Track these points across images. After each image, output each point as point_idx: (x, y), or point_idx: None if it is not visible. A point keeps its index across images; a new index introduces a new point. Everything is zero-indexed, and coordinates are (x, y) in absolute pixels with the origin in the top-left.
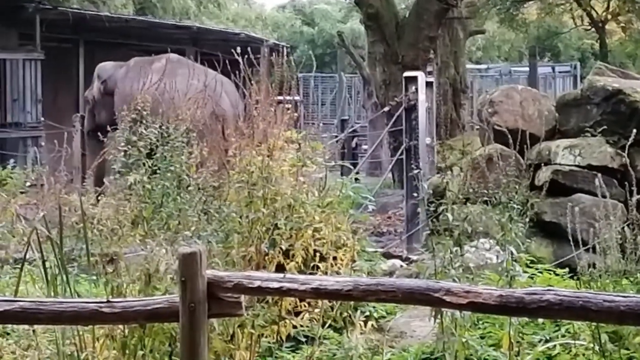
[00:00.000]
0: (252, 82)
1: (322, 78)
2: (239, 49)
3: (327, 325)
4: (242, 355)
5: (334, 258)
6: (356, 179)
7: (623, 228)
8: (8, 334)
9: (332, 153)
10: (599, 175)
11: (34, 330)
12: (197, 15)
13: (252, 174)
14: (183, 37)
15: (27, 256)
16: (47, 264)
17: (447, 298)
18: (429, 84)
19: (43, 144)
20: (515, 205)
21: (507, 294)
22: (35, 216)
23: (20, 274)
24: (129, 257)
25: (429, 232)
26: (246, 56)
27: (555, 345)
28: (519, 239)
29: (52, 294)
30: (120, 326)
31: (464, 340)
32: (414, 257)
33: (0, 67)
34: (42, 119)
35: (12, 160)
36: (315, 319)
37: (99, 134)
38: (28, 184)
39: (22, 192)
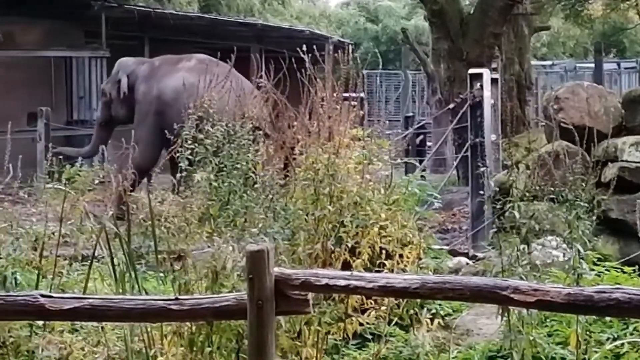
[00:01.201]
0: (317, 79)
1: (386, 75)
2: (304, 47)
3: (393, 322)
4: (309, 352)
5: (400, 256)
6: (421, 176)
7: None
8: (77, 330)
9: (398, 150)
10: None
11: (102, 327)
12: (262, 13)
13: (318, 172)
14: (247, 34)
15: (96, 253)
16: (116, 261)
17: (515, 296)
18: (493, 81)
19: (109, 141)
20: (581, 203)
21: (576, 292)
22: (104, 213)
23: (89, 272)
24: (196, 254)
25: (495, 229)
26: (311, 54)
27: (623, 344)
28: (586, 237)
29: (121, 291)
30: (188, 323)
31: (531, 338)
32: (480, 255)
33: (67, 65)
34: None
35: (80, 158)
36: (382, 317)
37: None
38: (96, 181)
39: (90, 190)
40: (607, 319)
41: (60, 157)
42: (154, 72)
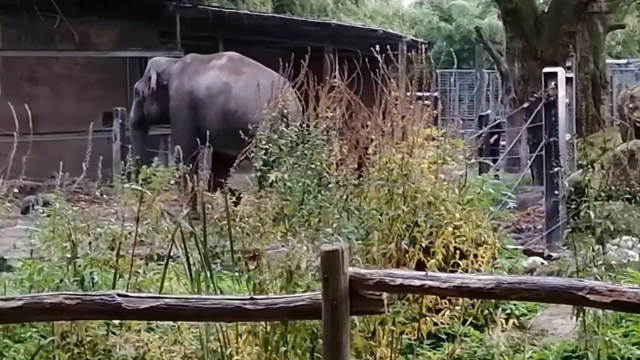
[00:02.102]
0: (391, 78)
1: (460, 74)
2: (377, 46)
3: (467, 322)
4: (383, 352)
5: (475, 256)
6: (495, 176)
7: None
8: (153, 329)
9: (472, 150)
10: None
11: (178, 326)
12: (335, 12)
13: (392, 172)
14: (321, 34)
15: (172, 253)
16: (191, 261)
17: (591, 297)
18: (568, 80)
19: None
20: None
21: None
22: (179, 213)
23: (165, 271)
24: (270, 254)
25: (569, 229)
26: (384, 53)
27: None
28: None
29: (196, 290)
30: (263, 323)
31: (606, 338)
32: (555, 255)
33: (142, 66)
34: None
35: (156, 158)
36: (456, 317)
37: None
38: (172, 181)
39: (165, 190)
40: None
41: (137, 157)
42: (186, 68)
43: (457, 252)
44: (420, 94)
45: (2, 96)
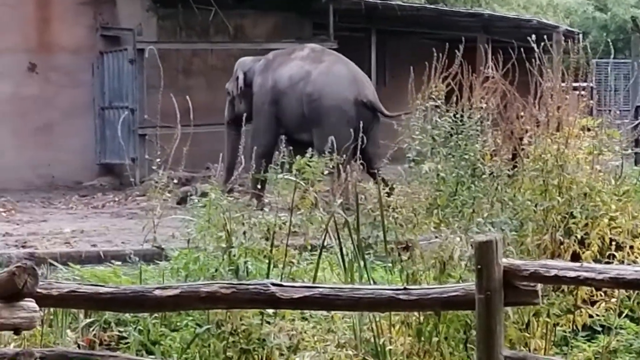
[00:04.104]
0: (546, 69)
1: (616, 64)
2: (532, 37)
3: (623, 315)
4: (537, 343)
5: (631, 247)
6: None
7: None
8: (306, 319)
9: (628, 141)
10: None
11: (332, 316)
12: (488, 3)
13: (547, 162)
14: (474, 24)
15: (325, 243)
16: (344, 251)
17: None
18: None
19: None
20: None
21: None
22: (333, 204)
23: (319, 261)
24: (423, 244)
25: None
26: (539, 43)
27: None
28: None
29: (349, 280)
30: (416, 313)
31: None
32: None
33: None
34: None
35: (310, 149)
36: (612, 309)
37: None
38: (325, 172)
39: (319, 181)
40: None
41: (290, 148)
42: (269, 64)
43: (613, 243)
44: (576, 84)
45: (159, 88)
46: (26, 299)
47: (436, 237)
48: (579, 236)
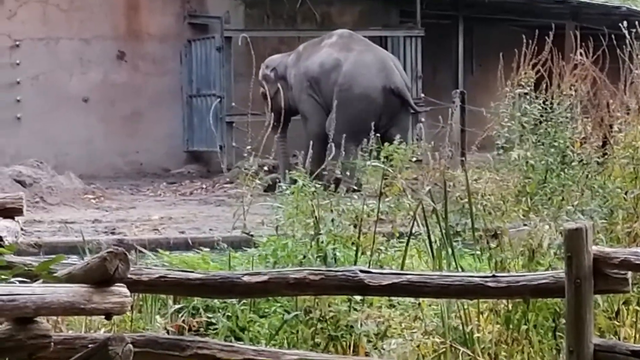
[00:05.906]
0: (637, 55)
1: None
2: (624, 23)
3: None
4: (628, 332)
5: None
6: None
7: None
8: (394, 306)
9: None
10: None
11: (419, 303)
12: None
13: (637, 150)
14: (562, 11)
15: (413, 230)
16: (432, 238)
17: None
18: None
19: (423, 119)
20: None
21: None
22: (421, 191)
23: (407, 248)
24: (512, 232)
25: None
26: (630, 30)
27: None
28: None
29: (437, 267)
30: (504, 301)
31: None
32: None
33: (382, 45)
34: (423, 95)
35: (398, 136)
36: None
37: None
38: (414, 159)
39: (407, 168)
40: None
41: (378, 135)
42: (300, 55)
43: None
44: None
45: (248, 76)
46: (117, 284)
47: (525, 224)
48: None
